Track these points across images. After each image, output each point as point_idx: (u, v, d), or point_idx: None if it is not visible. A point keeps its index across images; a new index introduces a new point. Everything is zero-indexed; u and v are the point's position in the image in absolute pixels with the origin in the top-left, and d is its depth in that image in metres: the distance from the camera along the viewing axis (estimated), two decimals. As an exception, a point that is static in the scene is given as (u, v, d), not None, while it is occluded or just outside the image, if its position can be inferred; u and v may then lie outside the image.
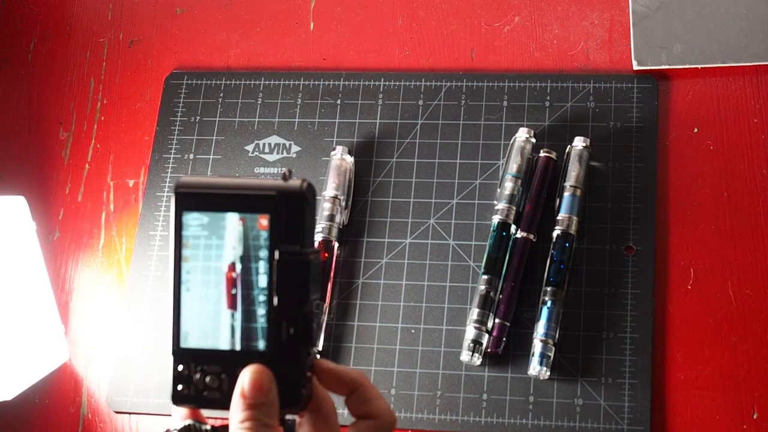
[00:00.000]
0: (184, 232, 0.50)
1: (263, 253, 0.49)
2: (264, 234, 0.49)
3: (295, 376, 0.49)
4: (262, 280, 0.49)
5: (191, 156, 0.89)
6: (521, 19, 0.90)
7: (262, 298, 0.49)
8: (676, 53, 0.85)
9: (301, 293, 0.49)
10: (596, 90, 0.85)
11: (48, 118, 0.95)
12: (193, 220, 0.50)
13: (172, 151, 0.90)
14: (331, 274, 0.83)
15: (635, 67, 0.86)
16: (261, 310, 0.49)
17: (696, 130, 0.84)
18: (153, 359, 0.83)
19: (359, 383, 0.52)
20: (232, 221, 0.50)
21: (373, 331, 0.81)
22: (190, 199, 0.50)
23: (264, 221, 0.49)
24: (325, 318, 0.82)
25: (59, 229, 0.90)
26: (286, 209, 0.49)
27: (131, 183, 0.91)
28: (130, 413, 0.82)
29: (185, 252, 0.50)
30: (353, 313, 0.82)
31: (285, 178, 0.50)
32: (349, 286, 0.83)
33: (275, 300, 0.49)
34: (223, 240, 0.50)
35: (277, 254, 0.49)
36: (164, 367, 0.63)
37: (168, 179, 0.89)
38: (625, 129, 0.84)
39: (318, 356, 0.81)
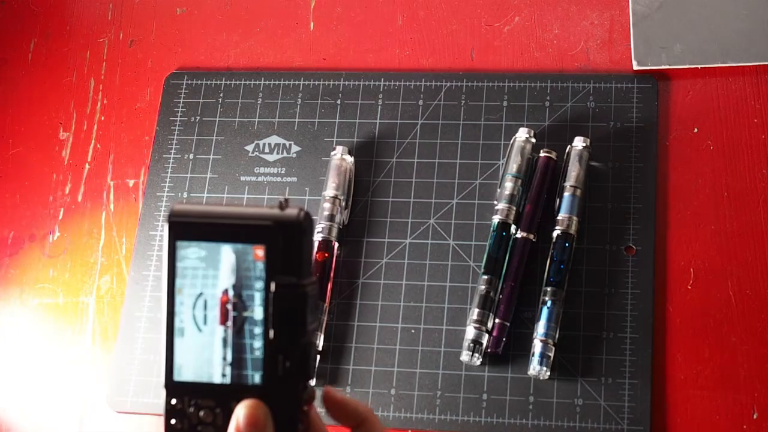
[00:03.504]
0: (178, 263, 0.48)
1: (259, 285, 0.48)
2: (260, 265, 0.48)
3: (292, 411, 0.48)
4: (258, 313, 0.48)
5: (191, 156, 0.89)
6: (521, 19, 0.90)
7: (257, 330, 0.48)
8: (676, 53, 0.85)
9: (298, 326, 0.48)
10: (596, 90, 0.85)
11: (48, 118, 0.95)
12: (188, 250, 0.48)
13: (172, 151, 0.90)
14: (331, 274, 0.83)
15: (635, 67, 0.86)
16: (257, 343, 0.48)
17: (696, 130, 0.84)
18: (153, 359, 0.83)
19: (365, 417, 0.51)
20: (227, 252, 0.48)
21: (373, 331, 0.81)
22: (184, 229, 0.48)
23: (260, 252, 0.48)
24: (325, 318, 0.82)
25: (59, 229, 0.90)
26: (283, 240, 0.48)
27: (131, 183, 0.91)
28: (130, 413, 0.82)
29: (179, 282, 0.48)
30: (353, 313, 0.82)
31: (281, 207, 0.48)
32: (349, 286, 0.83)
33: (271, 333, 0.48)
34: (218, 270, 0.48)
35: (273, 286, 0.48)
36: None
37: (168, 179, 0.89)
38: (625, 129, 0.84)
39: (322, 353, 0.81)
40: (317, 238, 0.82)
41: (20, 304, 0.88)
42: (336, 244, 0.83)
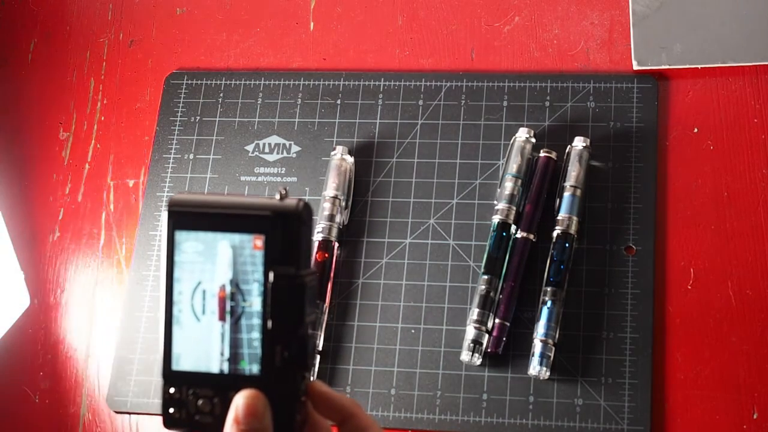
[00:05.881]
0: (177, 252, 0.48)
1: (257, 275, 0.48)
2: (258, 255, 0.48)
3: (290, 401, 0.48)
4: (256, 303, 0.48)
5: (191, 156, 0.89)
6: (521, 19, 0.90)
7: (256, 321, 0.48)
8: (676, 53, 0.85)
9: (296, 317, 0.48)
10: (596, 90, 0.85)
11: (48, 118, 0.95)
12: (187, 239, 0.49)
13: (172, 151, 0.90)
14: (331, 274, 0.83)
15: (635, 67, 0.86)
16: (255, 334, 0.48)
17: (696, 130, 0.84)
18: (153, 359, 0.83)
19: (352, 412, 0.51)
20: (225, 245, 0.48)
21: (373, 331, 0.81)
22: (183, 218, 0.49)
23: (258, 242, 0.48)
24: (325, 318, 0.82)
25: (59, 229, 0.90)
26: (282, 230, 0.48)
27: (131, 183, 0.91)
28: (130, 413, 0.82)
29: (177, 272, 0.49)
30: (353, 313, 0.82)
31: (281, 197, 0.49)
32: (349, 286, 0.83)
33: (269, 323, 0.48)
34: (217, 260, 0.48)
35: (271, 276, 0.48)
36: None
37: (168, 179, 0.89)
38: (625, 129, 0.84)
39: (317, 355, 0.81)
40: (317, 238, 0.82)
41: (20, 303, 0.88)
42: (336, 244, 0.83)
